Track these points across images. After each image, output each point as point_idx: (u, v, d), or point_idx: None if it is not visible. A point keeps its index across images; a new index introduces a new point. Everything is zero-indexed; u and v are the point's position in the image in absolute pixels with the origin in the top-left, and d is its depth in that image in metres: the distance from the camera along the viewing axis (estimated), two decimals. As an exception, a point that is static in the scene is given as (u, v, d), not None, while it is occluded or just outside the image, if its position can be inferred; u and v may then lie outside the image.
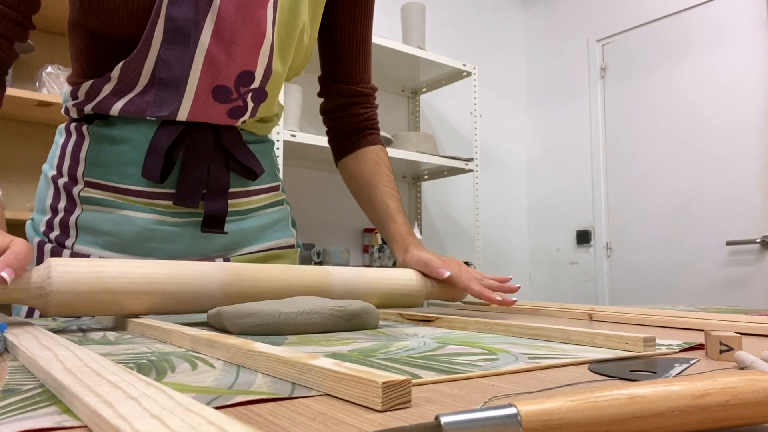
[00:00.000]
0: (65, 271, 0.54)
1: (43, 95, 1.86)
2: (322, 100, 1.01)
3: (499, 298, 0.75)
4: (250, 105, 0.79)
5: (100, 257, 0.75)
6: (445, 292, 0.82)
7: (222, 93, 0.76)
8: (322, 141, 2.25)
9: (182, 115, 0.75)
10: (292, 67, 0.85)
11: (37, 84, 1.94)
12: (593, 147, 3.30)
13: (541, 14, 3.65)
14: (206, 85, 0.74)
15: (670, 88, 2.98)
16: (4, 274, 0.50)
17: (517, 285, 0.82)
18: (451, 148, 3.17)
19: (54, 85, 1.94)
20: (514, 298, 0.77)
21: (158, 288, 0.58)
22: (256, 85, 0.78)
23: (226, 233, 0.81)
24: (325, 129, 1.03)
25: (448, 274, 0.79)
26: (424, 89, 3.02)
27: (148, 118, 0.75)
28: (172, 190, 0.78)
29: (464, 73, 2.82)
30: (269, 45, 0.77)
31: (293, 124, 2.28)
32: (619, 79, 3.23)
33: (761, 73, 2.67)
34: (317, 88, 1.00)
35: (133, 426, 0.18)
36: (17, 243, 0.55)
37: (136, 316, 0.59)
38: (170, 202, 0.78)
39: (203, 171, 0.78)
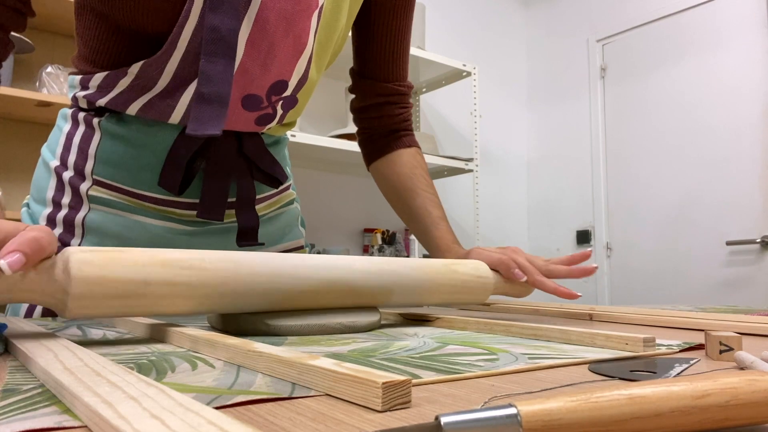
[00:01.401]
0: (88, 273, 0.42)
1: (43, 95, 1.86)
2: (352, 96, 0.94)
3: (579, 294, 0.72)
4: (279, 112, 0.74)
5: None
6: (513, 288, 0.76)
7: (252, 101, 0.70)
8: (322, 141, 2.25)
9: None
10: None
11: (37, 84, 1.94)
12: (593, 147, 3.30)
13: (541, 14, 3.65)
14: (237, 95, 0.68)
15: (669, 88, 2.98)
16: (4, 262, 0.37)
17: (588, 249, 0.77)
18: (451, 148, 3.17)
19: (54, 85, 1.94)
20: (594, 265, 0.74)
21: (201, 292, 0.48)
22: (288, 93, 0.72)
23: (263, 244, 0.78)
24: (356, 129, 0.96)
25: (524, 278, 0.73)
26: (424, 89, 3.02)
27: (189, 134, 0.65)
28: (191, 200, 0.73)
29: (464, 73, 2.82)
30: (308, 55, 0.71)
31: (293, 124, 2.28)
32: (618, 79, 3.22)
33: (761, 74, 2.66)
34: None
35: (134, 426, 0.18)
36: (36, 227, 0.42)
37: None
38: (188, 212, 0.73)
39: (227, 183, 0.73)
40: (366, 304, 0.59)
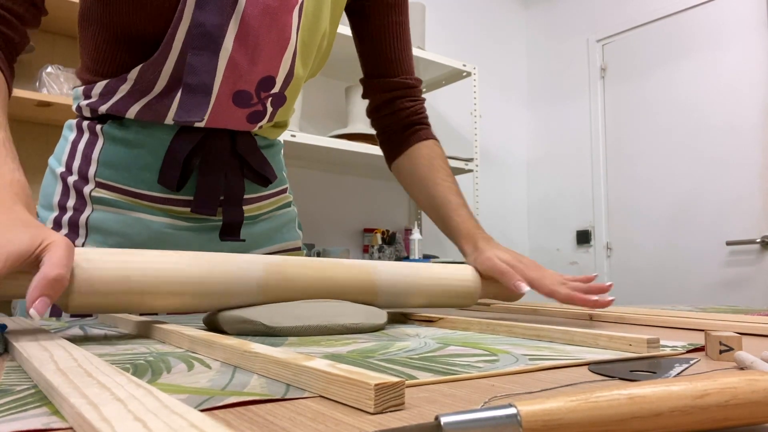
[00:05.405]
0: (89, 269, 0.48)
1: (43, 95, 1.86)
2: (367, 101, 0.97)
3: (595, 298, 0.67)
4: (269, 109, 0.78)
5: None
6: (503, 293, 0.75)
7: (243, 98, 0.74)
8: (322, 141, 2.25)
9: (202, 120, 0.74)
10: (310, 71, 0.84)
11: (37, 84, 1.94)
12: (593, 147, 3.29)
13: (541, 14, 3.65)
14: (227, 90, 0.72)
15: (670, 88, 2.98)
16: (33, 312, 0.41)
17: (608, 283, 0.72)
18: (451, 148, 3.16)
19: (54, 85, 1.94)
20: (610, 297, 0.68)
21: (189, 289, 0.53)
22: (276, 90, 0.76)
23: (243, 240, 0.80)
24: (375, 132, 0.99)
25: (526, 290, 0.70)
26: (424, 89, 3.01)
27: (175, 121, 0.72)
28: (187, 197, 0.76)
29: (464, 73, 2.82)
30: (292, 51, 0.75)
31: (293, 124, 2.28)
32: (619, 79, 3.22)
33: (761, 73, 2.66)
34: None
35: (115, 429, 0.18)
36: (54, 249, 0.45)
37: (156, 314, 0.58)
38: (185, 209, 0.76)
39: (220, 179, 0.77)
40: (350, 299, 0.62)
